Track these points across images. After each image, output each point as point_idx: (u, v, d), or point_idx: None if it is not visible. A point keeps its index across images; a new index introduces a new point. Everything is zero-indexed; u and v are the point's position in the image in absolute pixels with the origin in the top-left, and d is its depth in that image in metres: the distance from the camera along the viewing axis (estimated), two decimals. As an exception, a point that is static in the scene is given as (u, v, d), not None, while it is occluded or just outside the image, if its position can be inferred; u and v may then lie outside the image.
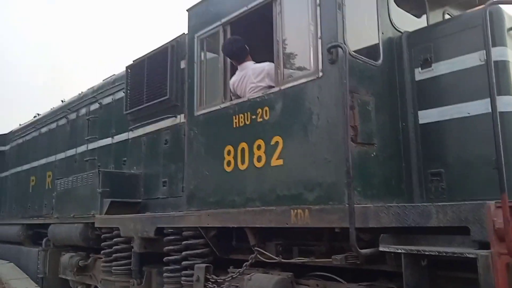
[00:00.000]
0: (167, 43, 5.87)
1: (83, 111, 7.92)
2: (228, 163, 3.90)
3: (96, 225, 5.68)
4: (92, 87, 7.92)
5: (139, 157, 6.27)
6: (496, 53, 3.11)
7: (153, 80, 5.94)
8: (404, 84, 3.54)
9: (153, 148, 6.00)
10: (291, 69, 3.60)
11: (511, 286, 2.51)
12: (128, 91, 6.45)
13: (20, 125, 10.87)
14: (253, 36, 4.24)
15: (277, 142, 3.48)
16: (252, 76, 3.89)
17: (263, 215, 3.48)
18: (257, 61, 4.16)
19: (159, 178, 5.78)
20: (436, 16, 4.37)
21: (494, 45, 3.10)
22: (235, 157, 3.84)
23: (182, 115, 5.57)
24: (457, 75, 3.26)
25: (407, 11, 4.12)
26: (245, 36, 4.16)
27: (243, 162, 3.77)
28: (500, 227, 2.42)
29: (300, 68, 3.54)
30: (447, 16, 4.48)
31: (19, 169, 10.27)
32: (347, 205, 2.90)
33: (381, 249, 2.76)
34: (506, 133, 2.94)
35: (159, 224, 4.61)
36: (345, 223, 2.90)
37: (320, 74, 3.24)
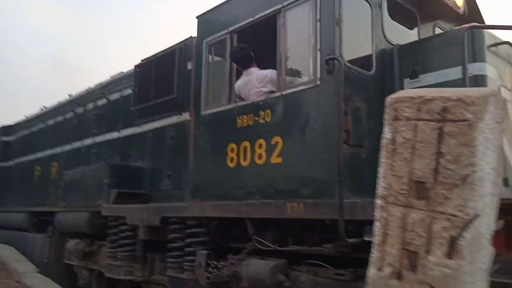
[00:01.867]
0: (175, 45, 6.21)
1: (91, 105, 8.25)
2: (231, 160, 4.27)
3: (103, 214, 6.03)
4: (100, 83, 8.25)
5: (144, 151, 6.61)
6: (476, 68, 3.49)
7: (160, 79, 6.28)
8: (393, 92, 3.90)
9: (158, 143, 6.34)
10: (292, 76, 3.97)
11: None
12: (136, 89, 6.79)
13: (25, 116, 11.19)
14: (258, 45, 4.60)
15: (277, 142, 3.85)
16: (256, 81, 4.26)
17: (262, 208, 3.85)
18: (261, 67, 4.52)
19: (164, 171, 6.12)
20: (427, 29, 4.75)
21: (474, 60, 3.50)
22: (238, 154, 4.21)
23: (188, 113, 5.91)
24: (441, 86, 3.63)
25: (400, 23, 4.50)
26: (250, 44, 4.52)
27: (245, 159, 4.13)
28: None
29: (300, 76, 3.91)
30: (437, 29, 4.86)
31: (24, 159, 10.60)
32: (337, 199, 3.27)
33: (366, 238, 3.13)
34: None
35: (164, 214, 4.97)
36: (335, 216, 3.27)
37: (318, 82, 3.61)
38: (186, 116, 5.94)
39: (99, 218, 6.32)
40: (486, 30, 3.66)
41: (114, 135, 7.43)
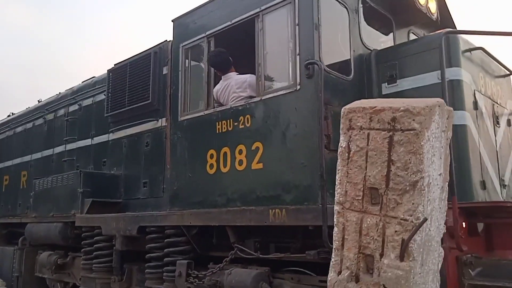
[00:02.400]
0: (149, 49, 6.10)
1: (62, 111, 8.00)
2: (211, 166, 4.20)
3: (76, 224, 5.84)
4: (71, 88, 8.02)
5: (119, 159, 6.46)
6: (452, 72, 3.56)
7: (135, 84, 6.15)
8: (372, 97, 3.93)
9: (134, 150, 6.20)
10: (271, 81, 3.94)
11: (460, 275, 2.91)
12: (110, 94, 6.63)
13: (-9, 123, 10.76)
14: (236, 49, 4.56)
15: (257, 147, 3.81)
16: (235, 86, 4.21)
17: (244, 214, 3.79)
18: (240, 72, 4.48)
19: (140, 179, 6.00)
20: (402, 35, 4.81)
21: (449, 65, 3.56)
22: (217, 161, 4.14)
23: (164, 119, 5.82)
24: (418, 91, 3.67)
25: (376, 29, 4.54)
26: (228, 48, 4.47)
27: (225, 165, 4.07)
28: (451, 225, 2.81)
29: (279, 81, 3.88)
30: (412, 35, 4.94)
31: (-10, 168, 10.19)
32: (320, 205, 3.25)
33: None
34: (459, 142, 3.38)
35: (142, 223, 4.84)
36: (318, 222, 3.25)
37: (298, 87, 3.59)
38: (162, 122, 5.84)
39: (73, 228, 6.13)
40: (460, 35, 3.73)
41: (87, 142, 7.22)
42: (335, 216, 1.74)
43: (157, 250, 4.67)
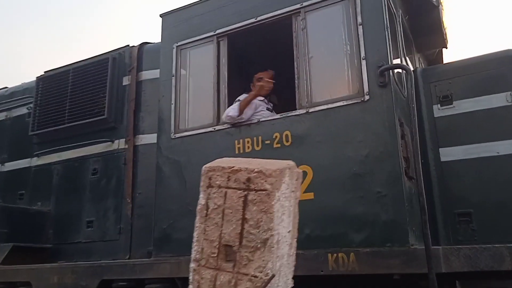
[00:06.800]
0: (106, 53, 4.93)
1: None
2: (226, 197, 3.18)
3: (-12, 280, 4.16)
4: (-28, 100, 6.22)
5: (47, 190, 4.98)
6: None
7: (82, 95, 4.87)
8: (422, 119, 3.40)
9: (72, 179, 4.83)
10: (320, 90, 3.17)
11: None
12: (38, 108, 5.19)
13: None
14: (249, 51, 3.74)
15: (304, 172, 2.95)
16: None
17: (285, 261, 2.84)
18: (245, 78, 3.67)
19: (81, 217, 4.62)
20: (413, 59, 4.46)
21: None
22: (237, 190, 3.15)
23: (122, 140, 4.63)
24: (482, 113, 3.24)
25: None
26: (240, 50, 3.64)
27: (250, 195, 3.10)
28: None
29: (331, 89, 3.13)
30: (419, 62, 4.63)
31: None
32: (412, 247, 2.51)
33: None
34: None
35: (106, 275, 3.53)
36: (411, 269, 2.49)
37: (367, 97, 2.88)
38: (119, 143, 4.64)
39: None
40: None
41: (-8, 168, 5.52)
42: (190, 274, 1.75)
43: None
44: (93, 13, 25.40)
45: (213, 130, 3.42)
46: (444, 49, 4.87)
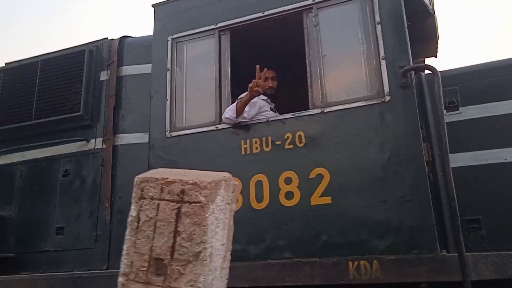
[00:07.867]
0: (82, 45, 4.53)
1: None
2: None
3: None
4: None
5: (8, 194, 4.46)
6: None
7: (54, 90, 4.43)
8: (428, 125, 3.34)
9: (39, 181, 4.36)
10: (334, 89, 3.02)
11: None
12: (-2, 102, 4.66)
13: None
14: (252, 47, 3.54)
15: (320, 175, 2.78)
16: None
17: (300, 269, 2.64)
18: (244, 77, 3.45)
19: (50, 223, 4.16)
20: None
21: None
22: (244, 193, 2.93)
23: (100, 139, 4.24)
24: (488, 120, 3.23)
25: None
26: (241, 45, 3.43)
27: (259, 199, 2.89)
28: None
29: (348, 89, 2.98)
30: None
31: None
32: (441, 253, 2.40)
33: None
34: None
35: (89, 288, 3.14)
36: (440, 277, 2.38)
37: (387, 98, 2.77)
38: (96, 143, 4.25)
39: None
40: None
41: None
42: None
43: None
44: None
45: (215, 129, 3.17)
46: (428, 59, 4.93)
